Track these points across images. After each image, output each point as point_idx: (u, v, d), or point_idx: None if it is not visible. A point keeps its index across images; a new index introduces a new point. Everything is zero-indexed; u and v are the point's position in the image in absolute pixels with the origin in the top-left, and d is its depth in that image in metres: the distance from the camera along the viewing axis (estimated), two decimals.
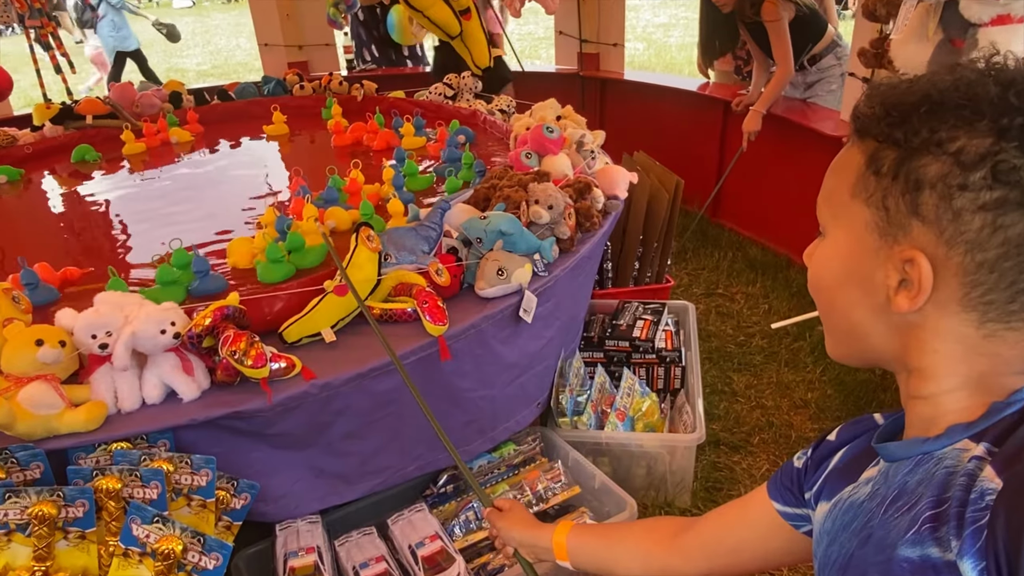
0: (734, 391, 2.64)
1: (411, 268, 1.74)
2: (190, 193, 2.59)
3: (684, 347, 2.35)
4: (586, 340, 2.31)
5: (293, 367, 1.45)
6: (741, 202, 3.98)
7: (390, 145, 3.02)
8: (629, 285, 2.79)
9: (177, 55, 12.99)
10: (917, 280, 0.59)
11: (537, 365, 1.94)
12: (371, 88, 3.71)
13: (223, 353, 1.37)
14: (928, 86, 0.59)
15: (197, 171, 2.86)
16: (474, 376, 1.74)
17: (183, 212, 2.39)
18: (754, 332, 3.02)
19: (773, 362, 2.81)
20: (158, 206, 2.47)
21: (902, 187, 0.59)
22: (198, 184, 2.69)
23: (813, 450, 0.82)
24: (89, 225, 2.40)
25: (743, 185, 3.93)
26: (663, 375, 2.30)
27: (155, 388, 1.40)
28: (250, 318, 1.52)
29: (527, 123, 2.69)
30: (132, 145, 3.09)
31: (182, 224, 2.28)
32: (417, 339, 1.59)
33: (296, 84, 3.77)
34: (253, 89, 3.79)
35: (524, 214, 1.91)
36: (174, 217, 2.36)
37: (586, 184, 2.11)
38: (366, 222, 1.73)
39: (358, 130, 3.15)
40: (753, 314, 3.16)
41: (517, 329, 1.81)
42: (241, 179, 2.73)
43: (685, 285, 3.41)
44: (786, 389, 2.64)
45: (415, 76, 4.78)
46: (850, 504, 0.69)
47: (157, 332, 1.37)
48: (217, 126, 3.48)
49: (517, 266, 1.75)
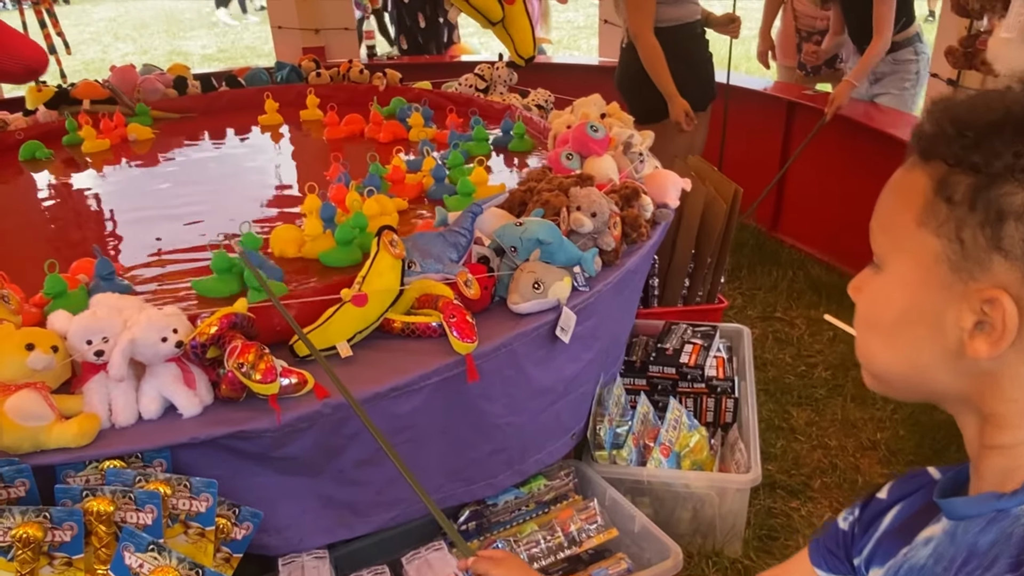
0: (793, 428, 2.62)
1: (437, 278, 1.74)
2: (190, 189, 2.64)
3: (737, 376, 2.34)
4: (627, 365, 2.31)
5: (304, 384, 1.45)
6: (803, 215, 3.95)
7: (397, 137, 3.07)
8: (677, 304, 2.78)
9: (181, 36, 13.24)
10: (1000, 323, 0.58)
11: (573, 391, 1.94)
12: (394, 78, 3.75)
13: (229, 365, 1.38)
14: (1007, 103, 0.58)
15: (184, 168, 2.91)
16: (503, 401, 1.73)
17: (185, 208, 2.43)
18: (816, 362, 3.00)
19: (837, 396, 2.78)
20: (153, 202, 2.53)
21: (981, 218, 0.57)
22: (193, 181, 2.74)
23: (861, 510, 0.80)
24: (84, 220, 2.45)
25: (805, 196, 3.90)
26: (713, 407, 2.28)
27: (153, 401, 1.41)
28: (258, 328, 1.53)
29: (568, 120, 2.70)
30: (93, 142, 3.06)
31: (183, 220, 2.32)
32: (441, 357, 1.59)
33: (312, 71, 3.81)
34: (265, 76, 3.84)
35: (564, 221, 1.91)
36: (176, 212, 2.40)
37: (634, 190, 2.11)
38: (390, 225, 1.74)
39: (353, 122, 3.19)
40: (815, 342, 3.13)
41: (553, 350, 1.80)
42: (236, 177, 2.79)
43: (739, 307, 3.40)
44: (852, 428, 2.61)
45: (444, 66, 4.82)
46: (909, 569, 0.68)
47: (158, 340, 1.38)
48: (222, 116, 3.54)
49: (555, 279, 1.75)
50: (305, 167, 2.94)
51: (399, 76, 3.79)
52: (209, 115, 3.55)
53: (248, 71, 3.86)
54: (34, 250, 2.17)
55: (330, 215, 1.98)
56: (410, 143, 3.01)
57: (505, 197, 2.07)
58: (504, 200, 2.08)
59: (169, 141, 3.22)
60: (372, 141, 3.09)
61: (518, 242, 1.79)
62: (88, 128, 3.08)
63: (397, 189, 2.35)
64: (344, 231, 1.87)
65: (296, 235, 1.98)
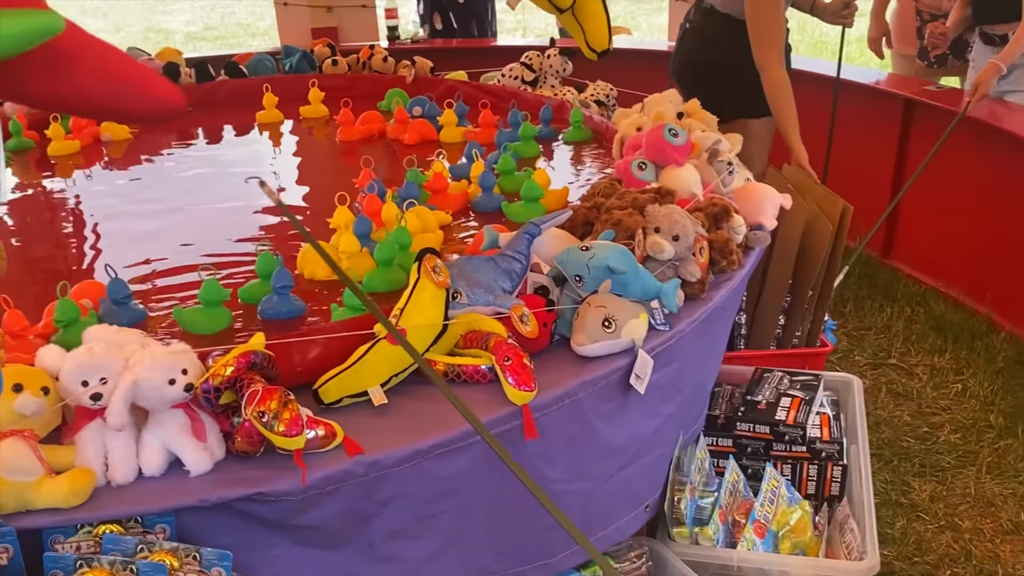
0: (914, 504, 2.60)
1: (488, 311, 1.76)
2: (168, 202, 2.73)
3: (846, 438, 2.32)
4: (709, 420, 2.31)
5: (333, 437, 1.48)
6: (923, 238, 3.93)
7: (425, 139, 3.15)
8: (769, 347, 2.77)
9: (160, 11, 13.56)
10: None
11: (648, 453, 1.94)
12: (425, 67, 3.83)
13: (247, 414, 1.41)
14: None
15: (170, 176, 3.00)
16: (566, 462, 1.74)
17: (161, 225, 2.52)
18: (941, 422, 2.98)
19: (969, 465, 2.76)
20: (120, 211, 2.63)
21: None
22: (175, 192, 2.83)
23: None
24: (48, 234, 2.54)
25: (926, 215, 3.88)
26: (816, 475, 2.27)
27: (156, 455, 1.43)
28: (279, 368, 1.57)
29: (638, 122, 2.73)
30: (60, 143, 3.17)
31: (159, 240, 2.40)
32: (492, 408, 1.60)
33: (327, 59, 3.90)
34: (271, 64, 3.94)
35: (640, 246, 1.92)
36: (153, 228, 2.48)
37: (723, 208, 2.12)
38: (432, 248, 1.77)
39: (372, 120, 3.27)
40: (941, 396, 3.11)
41: (625, 402, 1.81)
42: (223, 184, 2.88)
43: (845, 351, 3.39)
44: (988, 505, 2.59)
45: (484, 51, 4.89)
46: None
47: (164, 382, 1.40)
48: (220, 111, 3.63)
49: (629, 316, 1.75)
50: (315, 175, 3.02)
51: (430, 65, 3.87)
52: (205, 109, 3.66)
53: (251, 57, 3.96)
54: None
55: (365, 231, 2.04)
56: (441, 145, 3.09)
57: (568, 216, 2.08)
58: (566, 219, 2.09)
59: (152, 141, 3.31)
60: (395, 143, 3.18)
61: (584, 270, 1.80)
62: (56, 126, 3.18)
63: (439, 200, 2.41)
64: (385, 249, 1.93)
65: (331, 254, 2.03)
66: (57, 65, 1.07)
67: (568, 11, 3.16)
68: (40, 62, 1.04)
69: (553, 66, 3.73)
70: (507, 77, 3.73)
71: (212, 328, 1.84)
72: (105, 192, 2.85)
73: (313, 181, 2.96)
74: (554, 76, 3.74)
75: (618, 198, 2.12)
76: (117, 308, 1.89)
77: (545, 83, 3.73)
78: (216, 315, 1.88)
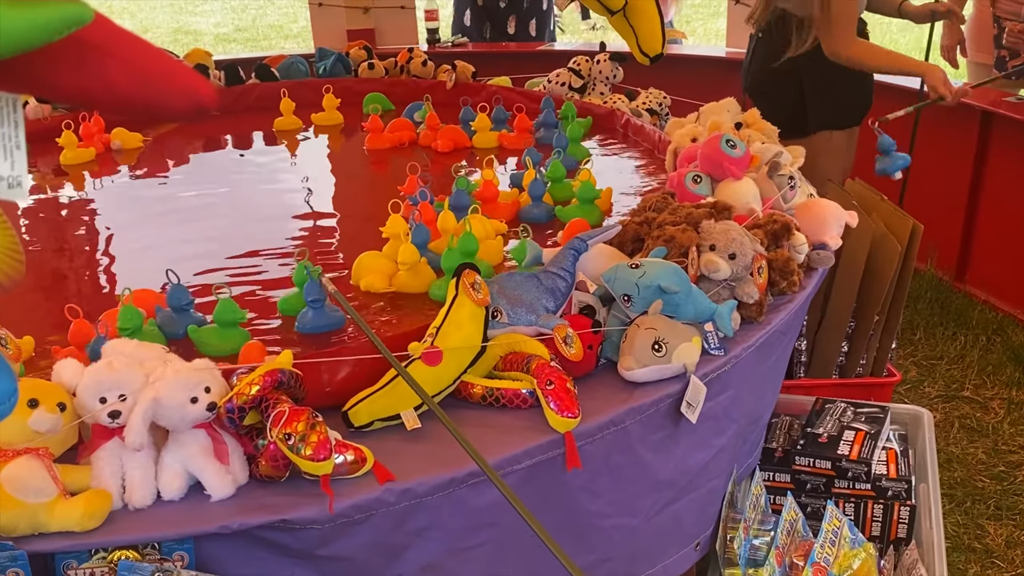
0: (988, 549, 2.56)
1: (529, 332, 1.76)
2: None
3: (915, 476, 2.29)
4: (766, 454, 2.30)
5: (363, 463, 1.48)
6: (1000, 259, 3.88)
7: (457, 145, 3.22)
8: (831, 376, 2.75)
9: (190, 11, 13.80)
10: None
11: (699, 487, 1.93)
12: (466, 71, 3.85)
13: (273, 436, 1.42)
14: None
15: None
16: (610, 495, 1.73)
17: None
18: (1020, 460, 2.94)
19: None
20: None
21: None
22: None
23: None
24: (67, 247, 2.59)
25: (1003, 236, 3.82)
26: (881, 515, 2.24)
27: (176, 478, 1.44)
28: (307, 388, 1.58)
29: (693, 132, 2.74)
30: (74, 151, 3.21)
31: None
32: (533, 435, 1.60)
33: (363, 62, 3.94)
34: (303, 67, 3.99)
35: (693, 265, 1.92)
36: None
37: (784, 225, 2.12)
38: (471, 263, 1.78)
39: (401, 128, 3.32)
40: (1019, 433, 3.07)
41: (675, 432, 1.80)
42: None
43: (914, 382, 3.36)
44: None
45: (530, 55, 4.90)
46: None
47: (186, 400, 1.42)
48: (247, 116, 3.68)
49: (681, 340, 1.75)
50: (346, 186, 3.07)
51: (472, 70, 3.89)
52: (233, 114, 3.71)
53: (283, 60, 4.01)
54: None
55: (424, 240, 2.09)
56: (474, 151, 3.16)
57: (616, 231, 2.09)
58: (615, 234, 2.10)
59: (177, 146, 3.38)
60: (427, 150, 3.24)
61: (634, 289, 1.81)
62: (68, 134, 3.24)
63: (489, 210, 2.45)
64: (452, 257, 1.98)
65: (386, 265, 2.11)
66: (85, 57, 1.08)
67: (620, 13, 3.17)
68: (68, 54, 1.06)
69: (603, 72, 3.73)
70: (553, 83, 3.74)
71: (226, 349, 1.85)
72: (124, 199, 2.92)
73: (343, 192, 3.00)
74: (603, 83, 3.74)
75: (671, 213, 2.12)
76: (177, 316, 1.91)
77: (594, 90, 3.74)
78: (230, 336, 1.88)
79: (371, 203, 2.66)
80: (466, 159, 3.14)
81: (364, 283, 2.11)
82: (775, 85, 3.30)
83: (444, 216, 2.24)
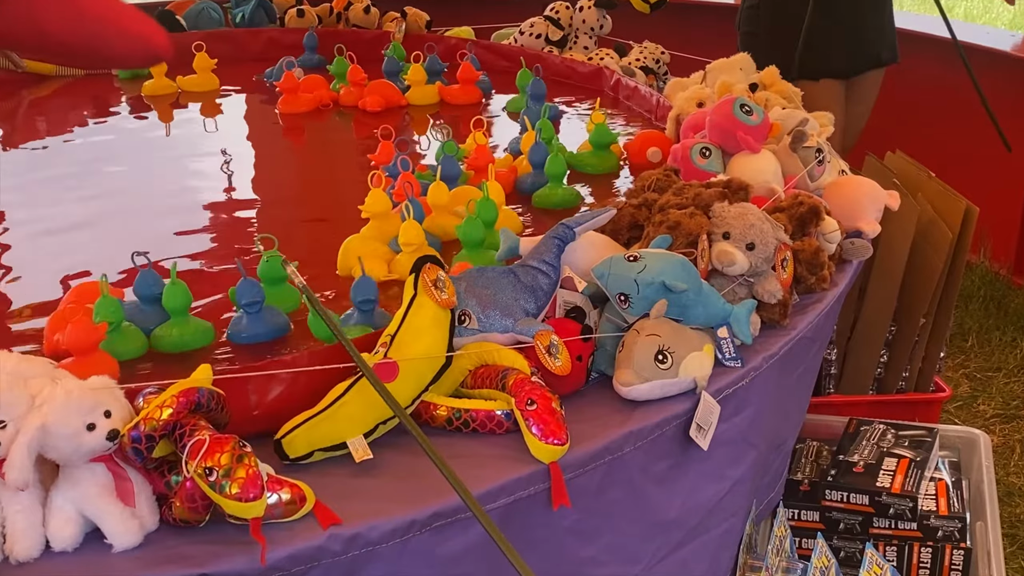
0: None
1: (505, 340, 1.74)
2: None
3: (970, 513, 2.29)
4: (790, 487, 2.31)
5: (302, 502, 1.44)
6: None
7: (390, 103, 3.24)
8: (867, 392, 2.78)
9: None
10: None
11: (712, 528, 1.91)
12: (419, 20, 3.83)
13: (190, 470, 1.37)
14: None
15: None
16: (605, 538, 1.72)
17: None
18: None
19: None
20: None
21: None
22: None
23: None
24: None
25: None
26: (930, 561, 2.24)
27: (68, 523, 1.38)
28: (230, 411, 1.54)
29: (698, 95, 2.74)
30: None
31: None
32: (511, 466, 1.57)
33: (290, 8, 3.92)
34: (217, 14, 3.97)
35: (703, 257, 1.89)
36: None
37: (811, 208, 2.09)
38: (433, 257, 1.75)
39: (316, 86, 3.33)
40: None
41: (683, 460, 1.79)
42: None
43: (966, 398, 3.38)
44: None
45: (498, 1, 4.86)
46: None
47: (81, 427, 1.36)
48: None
49: (690, 348, 1.74)
50: (261, 160, 3.08)
51: (426, 18, 3.86)
52: None
53: (191, 6, 3.97)
54: None
55: (422, 216, 2.13)
56: (409, 110, 3.23)
57: (610, 216, 2.05)
58: (607, 219, 2.06)
59: (60, 114, 3.39)
60: (355, 111, 3.27)
61: (632, 287, 1.77)
62: None
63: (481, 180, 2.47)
64: (472, 229, 2.04)
65: (379, 249, 2.12)
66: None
67: None
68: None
69: (587, 21, 3.72)
70: (526, 36, 3.70)
71: (127, 354, 1.80)
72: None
73: (261, 170, 3.00)
74: (587, 35, 3.73)
75: (675, 193, 2.09)
76: (148, 309, 1.87)
77: (576, 44, 3.71)
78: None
79: (298, 182, 2.74)
80: (400, 120, 3.16)
81: (357, 271, 2.05)
82: (754, 23, 3.36)
83: (437, 187, 2.24)
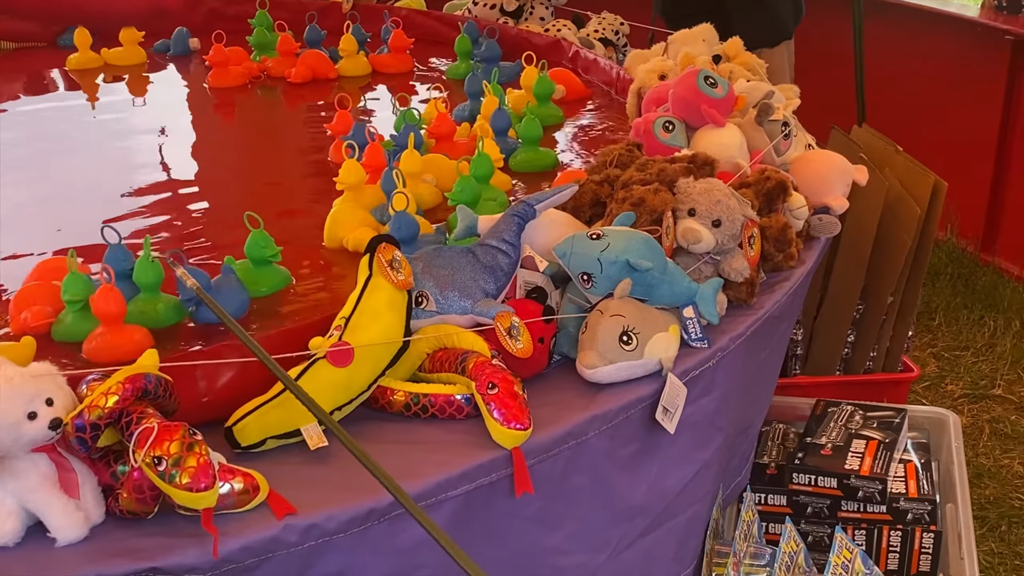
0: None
1: (464, 322, 1.75)
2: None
3: (940, 494, 2.30)
4: (757, 470, 2.32)
5: (255, 492, 1.44)
6: None
7: (318, 75, 3.28)
8: (834, 372, 2.79)
9: None
10: None
11: (678, 513, 1.92)
12: None
13: (138, 460, 1.37)
14: None
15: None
16: (570, 527, 1.72)
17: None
18: None
19: None
20: None
21: None
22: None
23: None
24: None
25: None
26: (900, 544, 2.26)
27: (10, 517, 1.39)
28: (180, 397, 1.53)
29: (661, 67, 2.75)
30: None
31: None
32: (471, 452, 1.58)
33: None
34: None
35: (668, 234, 1.90)
36: None
37: (778, 183, 2.11)
38: (388, 235, 1.75)
39: (238, 59, 3.35)
40: None
41: (649, 444, 1.79)
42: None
43: (934, 378, 3.40)
44: None
45: None
46: None
47: (22, 416, 1.36)
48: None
49: (656, 329, 1.74)
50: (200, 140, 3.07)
51: None
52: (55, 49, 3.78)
53: None
54: None
55: (392, 188, 2.11)
56: (341, 81, 3.28)
57: (572, 192, 2.05)
58: (568, 196, 2.06)
59: None
60: (281, 83, 3.31)
61: (595, 266, 1.79)
62: None
63: (445, 148, 2.49)
64: (468, 186, 2.10)
65: (368, 218, 2.14)
66: None
67: None
68: None
69: None
70: (480, 6, 3.72)
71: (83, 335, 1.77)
72: None
73: (201, 152, 2.99)
74: (543, 5, 3.72)
75: (638, 169, 2.10)
76: (122, 285, 1.80)
77: (532, 15, 3.74)
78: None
79: (238, 163, 2.75)
80: (330, 92, 3.16)
81: (351, 241, 2.06)
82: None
83: (409, 155, 2.25)
